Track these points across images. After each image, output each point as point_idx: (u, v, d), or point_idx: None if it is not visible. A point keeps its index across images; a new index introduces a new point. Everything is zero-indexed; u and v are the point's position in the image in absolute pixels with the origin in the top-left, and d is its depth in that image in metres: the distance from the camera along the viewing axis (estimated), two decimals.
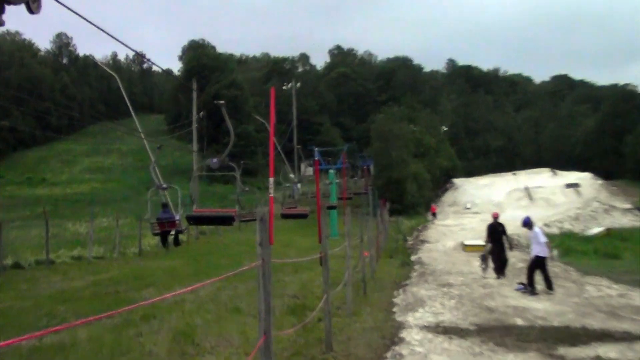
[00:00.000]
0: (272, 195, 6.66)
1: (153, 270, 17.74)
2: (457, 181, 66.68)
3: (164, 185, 15.86)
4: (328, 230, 9.25)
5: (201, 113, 47.03)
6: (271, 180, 6.75)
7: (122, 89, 28.68)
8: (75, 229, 32.84)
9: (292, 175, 24.19)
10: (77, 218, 37.42)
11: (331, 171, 38.28)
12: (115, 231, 25.02)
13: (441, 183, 65.63)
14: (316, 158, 18.39)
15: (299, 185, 26.68)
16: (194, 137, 36.86)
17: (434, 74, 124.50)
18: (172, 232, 16.01)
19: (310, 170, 37.37)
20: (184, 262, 20.26)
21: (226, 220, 12.27)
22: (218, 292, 12.76)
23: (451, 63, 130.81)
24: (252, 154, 71.23)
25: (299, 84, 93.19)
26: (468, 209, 53.48)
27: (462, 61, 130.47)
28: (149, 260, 21.41)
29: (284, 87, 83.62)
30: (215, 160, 11.22)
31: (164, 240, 18.60)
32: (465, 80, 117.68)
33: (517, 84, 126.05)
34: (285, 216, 18.91)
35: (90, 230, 23.81)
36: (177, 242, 18.28)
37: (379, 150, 55.12)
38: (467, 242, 26.51)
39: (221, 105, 10.78)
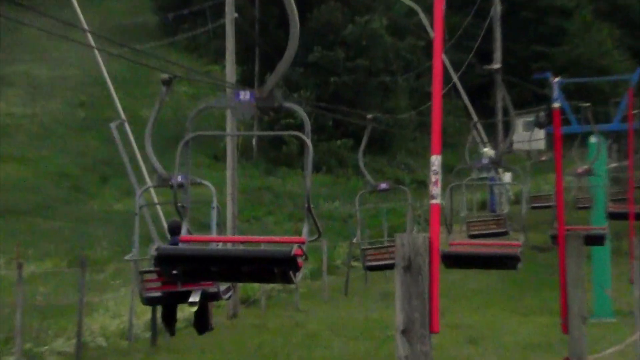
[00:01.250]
0: (437, 202, 6.44)
1: None
2: None
3: (180, 179, 14.80)
4: (586, 298, 9.12)
5: None
6: (435, 160, 6.49)
7: None
8: None
9: (487, 149, 24.28)
10: None
11: (594, 139, 37.74)
12: (17, 294, 25.19)
13: None
14: (555, 104, 17.99)
15: (507, 174, 26.70)
16: (227, 46, 37.40)
17: None
18: (194, 299, 15.79)
19: (538, 138, 36.90)
20: None
21: (274, 268, 10.32)
22: None
23: None
24: (386, 96, 71.17)
25: None
26: None
27: None
28: None
29: None
30: (244, 95, 9.70)
31: (169, 319, 18.75)
32: None
33: None
34: (457, 260, 18.47)
35: None
36: (202, 324, 18.27)
37: None
38: None
39: None
